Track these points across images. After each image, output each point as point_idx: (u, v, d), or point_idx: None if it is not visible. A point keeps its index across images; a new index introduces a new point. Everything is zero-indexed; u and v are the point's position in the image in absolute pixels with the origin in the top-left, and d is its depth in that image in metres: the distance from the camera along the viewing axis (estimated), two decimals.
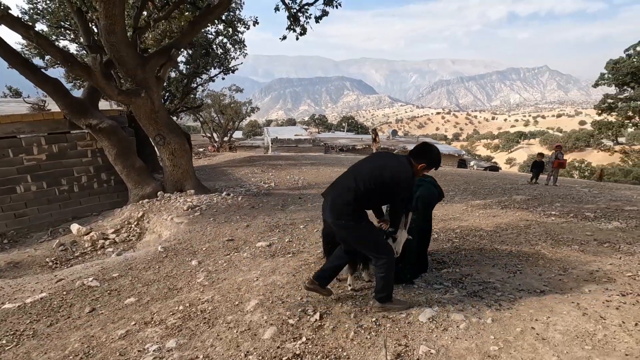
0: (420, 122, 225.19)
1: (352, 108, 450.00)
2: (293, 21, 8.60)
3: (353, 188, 2.55)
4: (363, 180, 2.55)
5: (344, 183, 2.65)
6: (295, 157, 21.20)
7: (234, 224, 6.07)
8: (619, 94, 26.59)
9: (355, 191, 2.54)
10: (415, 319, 2.58)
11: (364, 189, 2.53)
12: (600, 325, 2.31)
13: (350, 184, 2.58)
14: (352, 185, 2.56)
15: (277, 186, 10.31)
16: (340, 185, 2.68)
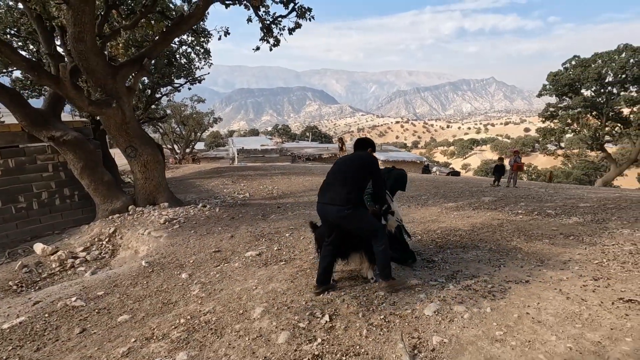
0: (381, 131, 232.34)
1: (315, 118, 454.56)
2: (266, 32, 8.70)
3: (345, 183, 3.09)
4: (352, 174, 3.12)
5: (337, 183, 3.14)
6: (263, 167, 21.08)
7: (218, 236, 5.97)
8: (559, 103, 29.25)
9: (348, 185, 3.09)
10: (422, 314, 2.73)
11: (353, 180, 3.10)
12: (583, 307, 2.59)
13: (342, 181, 3.11)
14: (344, 181, 3.11)
15: (253, 196, 10.23)
16: (334, 186, 3.15)
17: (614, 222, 5.06)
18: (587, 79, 26.24)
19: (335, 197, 3.07)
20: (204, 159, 41.99)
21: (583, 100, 26.64)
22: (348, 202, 3.03)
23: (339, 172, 3.18)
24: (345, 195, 3.04)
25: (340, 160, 3.34)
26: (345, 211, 3.02)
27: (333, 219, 3.14)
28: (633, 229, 4.66)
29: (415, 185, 10.45)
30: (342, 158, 3.35)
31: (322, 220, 3.37)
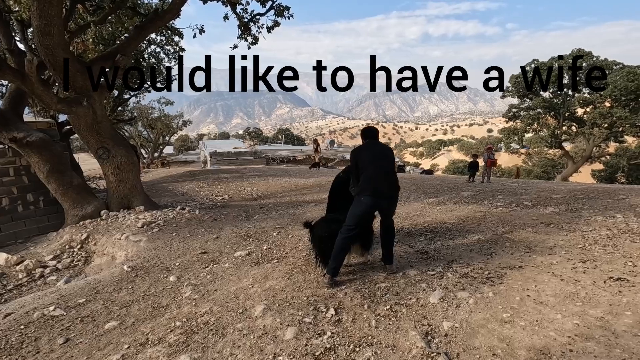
0: (352, 133, 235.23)
1: (286, 121, 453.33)
2: (244, 30, 8.55)
3: (391, 174, 3.44)
4: (391, 167, 3.46)
5: (386, 176, 3.38)
6: (238, 170, 20.68)
7: (202, 237, 5.76)
8: (521, 104, 30.89)
9: (393, 175, 3.46)
10: (427, 302, 2.75)
11: (394, 174, 3.48)
12: (579, 287, 2.71)
13: (390, 173, 3.42)
14: (391, 172, 3.44)
15: (232, 198, 9.99)
16: (385, 179, 3.36)
17: (587, 211, 5.37)
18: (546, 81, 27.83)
19: (392, 190, 3.38)
20: (173, 163, 40.65)
21: (542, 102, 28.26)
22: (398, 189, 3.45)
23: (385, 166, 3.41)
24: (395, 184, 3.42)
25: (373, 153, 3.45)
26: (395, 197, 3.44)
27: (384, 209, 3.42)
28: (605, 216, 4.96)
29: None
30: (374, 149, 3.48)
31: (367, 214, 3.38)
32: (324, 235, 3.54)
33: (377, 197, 3.25)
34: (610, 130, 26.24)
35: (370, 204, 3.26)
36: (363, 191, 3.27)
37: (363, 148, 3.51)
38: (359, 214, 3.27)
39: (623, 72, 25.40)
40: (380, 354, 2.17)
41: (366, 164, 3.35)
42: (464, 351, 2.07)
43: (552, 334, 2.10)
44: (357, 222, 3.28)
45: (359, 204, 3.29)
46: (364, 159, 3.38)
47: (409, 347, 2.20)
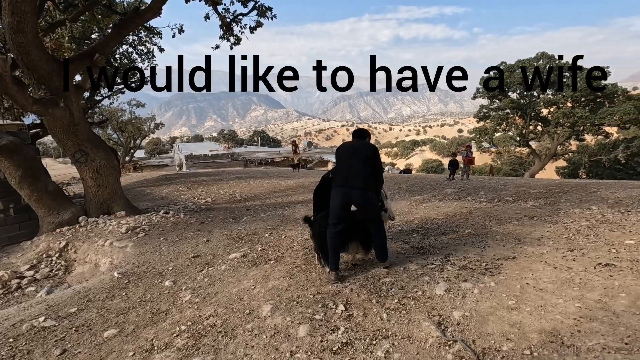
0: (328, 135, 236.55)
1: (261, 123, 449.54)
2: (226, 30, 8.44)
3: (362, 167, 3.38)
4: (361, 160, 3.41)
5: (355, 168, 3.39)
6: (217, 172, 20.32)
7: (192, 241, 5.62)
8: (491, 104, 32.18)
9: (366, 171, 3.39)
10: (433, 294, 2.83)
11: (366, 168, 3.40)
12: (572, 273, 2.88)
13: (360, 165, 3.38)
14: (361, 165, 3.39)
15: (215, 201, 9.81)
16: (355, 171, 3.38)
17: (564, 204, 5.68)
18: (513, 82, 29.18)
19: (359, 181, 3.32)
20: (146, 167, 39.31)
21: (510, 102, 29.57)
22: (369, 186, 3.38)
23: (357, 161, 3.40)
24: (366, 180, 3.35)
25: (351, 149, 3.53)
26: (368, 193, 3.34)
27: (357, 202, 3.38)
28: (581, 208, 5.28)
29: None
30: (351, 145, 3.57)
31: (342, 205, 3.41)
32: (321, 230, 3.58)
33: (346, 187, 3.36)
34: (573, 129, 27.81)
35: (341, 194, 3.38)
36: (334, 182, 3.45)
37: (342, 145, 3.69)
38: (335, 206, 3.40)
39: (582, 74, 27.01)
40: (397, 346, 2.22)
41: (339, 158, 3.57)
42: (478, 337, 2.15)
43: (558, 317, 2.22)
44: (337, 215, 3.39)
45: (333, 197, 3.44)
46: (340, 154, 3.58)
47: (425, 337, 2.26)
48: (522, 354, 1.94)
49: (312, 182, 12.29)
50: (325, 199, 4.39)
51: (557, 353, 1.90)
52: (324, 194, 4.44)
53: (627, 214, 4.67)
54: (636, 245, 3.39)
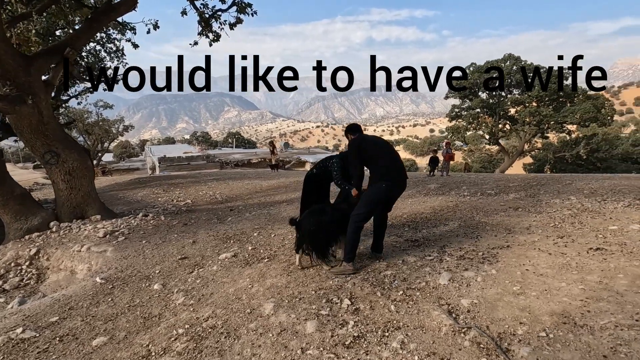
0: (303, 136, 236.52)
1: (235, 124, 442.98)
2: (205, 26, 8.20)
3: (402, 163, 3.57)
4: (397, 156, 3.59)
5: (400, 164, 3.49)
6: (193, 175, 19.75)
7: (177, 243, 5.39)
8: (462, 104, 33.24)
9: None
10: (437, 284, 2.84)
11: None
12: (567, 258, 2.98)
13: (401, 162, 3.53)
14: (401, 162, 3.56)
15: (196, 203, 9.51)
16: (400, 167, 3.47)
17: (544, 195, 5.91)
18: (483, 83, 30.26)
19: (405, 175, 3.48)
20: (115, 171, 37.68)
21: (481, 102, 30.66)
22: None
23: (393, 152, 3.52)
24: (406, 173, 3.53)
25: (378, 141, 3.58)
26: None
27: (397, 195, 3.53)
28: (561, 198, 5.51)
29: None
30: (378, 140, 3.59)
31: (386, 201, 3.46)
32: (312, 228, 3.50)
33: (396, 184, 3.36)
34: (539, 127, 29.19)
35: (389, 190, 3.34)
36: (382, 177, 3.31)
37: (364, 139, 3.54)
38: (376, 200, 3.34)
39: (546, 75, 28.42)
40: (411, 336, 2.19)
41: (378, 153, 3.42)
42: (491, 323, 2.17)
43: (565, 300, 2.28)
44: (372, 208, 3.36)
45: (377, 190, 3.31)
46: (373, 148, 3.44)
47: (438, 325, 2.25)
48: (538, 336, 1.96)
49: (294, 182, 12.19)
50: (313, 195, 4.36)
51: (572, 333, 1.94)
52: (310, 191, 4.41)
53: (604, 203, 4.91)
54: (620, 230, 3.55)
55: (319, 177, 4.26)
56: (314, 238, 3.48)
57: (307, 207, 4.15)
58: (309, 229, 3.52)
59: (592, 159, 30.75)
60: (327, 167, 4.12)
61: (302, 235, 3.61)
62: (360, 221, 3.32)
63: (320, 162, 4.30)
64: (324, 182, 4.29)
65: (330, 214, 3.50)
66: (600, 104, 27.77)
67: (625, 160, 32.91)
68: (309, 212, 3.62)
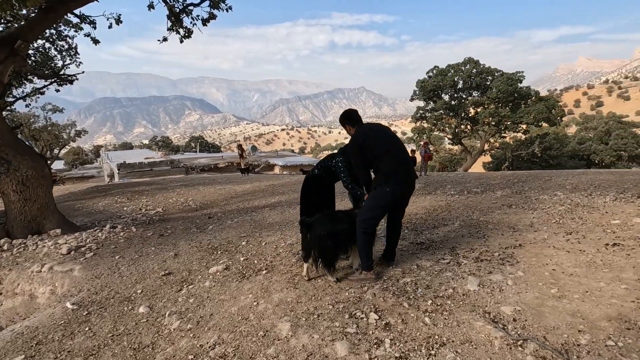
0: (268, 139, 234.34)
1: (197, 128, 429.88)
2: (175, 21, 7.64)
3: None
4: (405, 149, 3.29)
5: (406, 161, 3.16)
6: (157, 181, 18.62)
7: (156, 257, 4.85)
8: (426, 106, 34.28)
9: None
10: (466, 290, 2.65)
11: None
12: (590, 255, 2.91)
13: (408, 157, 3.24)
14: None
15: (168, 211, 8.84)
16: (409, 164, 3.18)
17: (530, 192, 6.01)
18: (445, 85, 31.42)
19: (414, 172, 3.18)
20: (67, 179, 34.91)
21: (444, 104, 31.77)
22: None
23: (402, 146, 3.15)
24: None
25: (387, 134, 3.14)
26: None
27: (408, 195, 3.23)
28: (548, 194, 5.61)
29: None
30: (384, 132, 3.15)
31: (396, 201, 3.11)
32: (322, 234, 3.20)
33: (403, 185, 3.03)
34: (497, 127, 30.72)
35: (395, 194, 3.00)
36: (388, 180, 2.96)
37: (368, 133, 3.07)
38: (382, 205, 3.03)
39: (503, 78, 30.00)
40: (463, 353, 1.97)
41: (385, 149, 3.00)
42: (547, 333, 1.99)
43: (615, 302, 2.17)
44: (378, 214, 3.07)
45: (382, 195, 2.99)
46: (379, 144, 3.00)
47: (487, 338, 2.04)
48: (606, 345, 1.81)
49: (269, 185, 11.79)
50: (314, 197, 4.03)
51: None
52: (310, 194, 4.08)
53: (591, 197, 5.04)
54: (624, 224, 3.59)
55: (320, 178, 3.94)
56: (323, 245, 3.19)
57: (308, 210, 3.86)
58: (319, 234, 3.23)
59: (545, 157, 32.85)
60: (329, 168, 3.83)
61: (311, 240, 3.27)
62: (367, 227, 3.03)
63: (321, 161, 4.00)
64: (325, 183, 3.98)
65: (342, 222, 3.21)
66: (551, 105, 29.74)
67: (573, 157, 35.51)
68: (322, 216, 3.31)
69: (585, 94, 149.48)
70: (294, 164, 31.22)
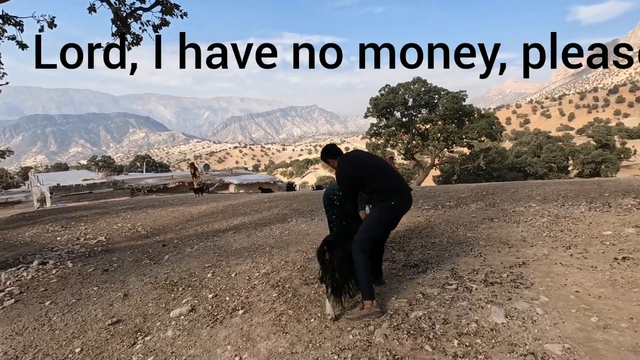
0: (220, 157, 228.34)
1: (142, 147, 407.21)
2: (122, 26, 6.84)
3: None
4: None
5: (401, 180, 3.06)
6: (98, 205, 16.74)
7: (100, 299, 3.96)
8: (380, 123, 35.33)
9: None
10: (492, 323, 2.28)
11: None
12: (606, 272, 2.72)
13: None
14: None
15: (112, 240, 7.72)
16: (402, 181, 3.05)
17: (504, 204, 5.99)
18: (397, 103, 32.69)
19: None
20: None
21: (397, 121, 32.96)
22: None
23: (388, 167, 3.09)
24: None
25: (374, 159, 3.16)
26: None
27: (408, 209, 3.04)
28: (522, 206, 5.60)
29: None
30: (370, 158, 3.14)
31: (397, 217, 2.98)
32: (345, 255, 2.74)
33: (409, 197, 2.96)
34: (446, 143, 32.41)
35: (400, 206, 2.89)
36: (393, 194, 2.84)
37: (353, 156, 3.09)
38: (388, 219, 2.86)
39: (449, 96, 31.93)
40: None
41: (378, 168, 2.99)
42: None
43: None
44: (380, 232, 2.90)
45: (388, 209, 2.82)
46: (371, 163, 2.99)
47: None
48: None
49: (228, 205, 10.97)
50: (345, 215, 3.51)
51: None
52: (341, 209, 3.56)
53: (566, 208, 5.07)
54: (617, 235, 3.52)
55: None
56: (342, 267, 2.71)
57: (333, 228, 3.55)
58: (343, 255, 2.73)
59: (489, 169, 35.17)
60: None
61: (332, 262, 2.73)
62: (367, 245, 2.73)
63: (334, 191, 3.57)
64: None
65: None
66: (492, 121, 32.08)
67: (512, 170, 38.51)
68: (338, 233, 3.02)
69: (514, 112, 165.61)
70: (250, 182, 30.19)
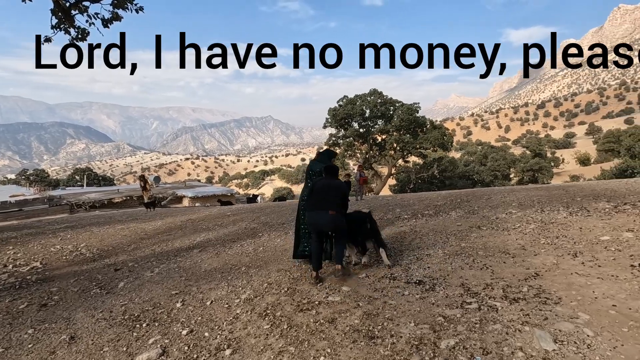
0: (170, 169, 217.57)
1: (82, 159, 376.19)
2: (65, 18, 5.94)
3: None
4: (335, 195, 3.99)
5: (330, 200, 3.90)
6: (30, 224, 14.65)
7: (37, 346, 3.12)
8: (338, 133, 35.62)
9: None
10: (541, 351, 1.98)
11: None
12: (628, 282, 2.55)
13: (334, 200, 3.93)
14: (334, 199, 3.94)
15: (50, 265, 6.57)
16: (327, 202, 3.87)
17: (483, 211, 5.95)
18: (355, 114, 33.21)
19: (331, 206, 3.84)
20: None
21: (355, 131, 33.43)
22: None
23: (330, 194, 3.95)
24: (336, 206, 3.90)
25: (324, 186, 4.02)
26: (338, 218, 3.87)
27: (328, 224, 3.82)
28: (503, 213, 5.57)
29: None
30: (323, 184, 4.03)
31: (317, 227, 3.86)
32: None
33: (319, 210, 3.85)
34: (402, 153, 33.42)
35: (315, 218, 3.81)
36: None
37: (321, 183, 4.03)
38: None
39: (403, 107, 33.08)
40: None
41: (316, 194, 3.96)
42: None
43: None
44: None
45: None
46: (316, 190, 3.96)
47: None
48: None
49: (186, 220, 10.04)
50: None
51: None
52: None
53: (547, 213, 5.09)
54: (616, 240, 3.47)
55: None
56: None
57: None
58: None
59: (442, 178, 36.81)
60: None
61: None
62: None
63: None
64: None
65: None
66: (443, 132, 33.71)
67: (462, 178, 40.72)
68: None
69: (458, 124, 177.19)
70: (205, 195, 28.64)
